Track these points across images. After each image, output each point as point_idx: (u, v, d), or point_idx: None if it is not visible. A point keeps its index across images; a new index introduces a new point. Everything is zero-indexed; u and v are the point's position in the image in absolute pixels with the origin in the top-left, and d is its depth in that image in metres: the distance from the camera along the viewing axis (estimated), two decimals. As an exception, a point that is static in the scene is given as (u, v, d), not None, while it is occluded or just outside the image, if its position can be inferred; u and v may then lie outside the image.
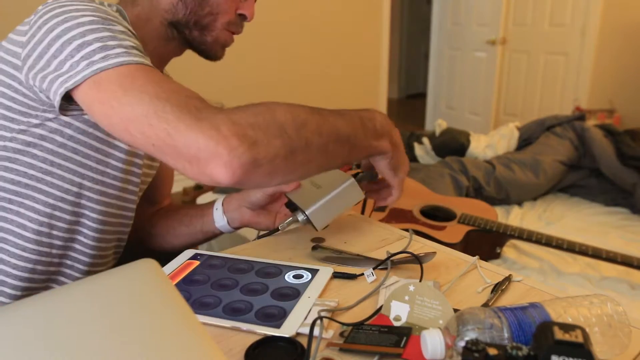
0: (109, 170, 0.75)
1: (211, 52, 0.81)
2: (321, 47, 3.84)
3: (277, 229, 0.89)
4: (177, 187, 3.34)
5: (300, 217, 0.82)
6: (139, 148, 0.60)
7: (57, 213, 0.73)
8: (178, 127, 0.55)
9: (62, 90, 0.61)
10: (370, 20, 4.12)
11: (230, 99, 3.44)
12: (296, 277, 0.73)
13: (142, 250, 1.00)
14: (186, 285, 0.72)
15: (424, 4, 6.33)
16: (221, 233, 0.95)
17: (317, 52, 3.82)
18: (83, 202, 0.75)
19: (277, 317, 0.63)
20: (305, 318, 0.63)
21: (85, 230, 0.77)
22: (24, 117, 0.68)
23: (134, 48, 0.63)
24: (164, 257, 0.78)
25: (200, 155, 0.55)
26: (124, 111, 0.57)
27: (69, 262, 0.78)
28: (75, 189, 0.73)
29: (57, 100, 0.62)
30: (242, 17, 0.81)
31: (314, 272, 0.75)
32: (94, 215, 0.77)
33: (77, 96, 0.61)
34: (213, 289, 0.71)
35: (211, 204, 0.95)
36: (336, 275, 0.75)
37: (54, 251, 0.75)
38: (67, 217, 0.74)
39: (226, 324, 0.63)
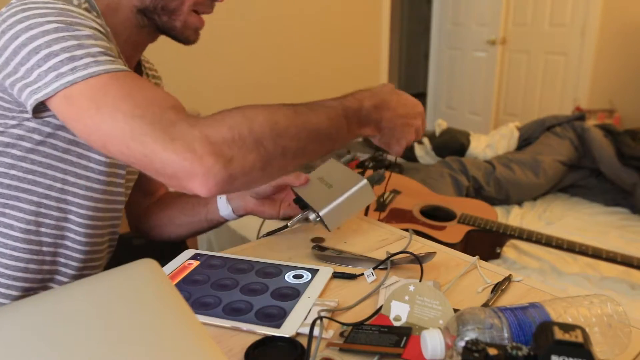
0: (92, 165, 0.75)
1: (183, 37, 0.80)
2: (321, 47, 3.84)
3: (286, 226, 0.89)
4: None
5: (312, 216, 0.82)
6: (120, 161, 0.60)
7: (42, 210, 0.73)
8: (154, 150, 0.56)
9: (32, 102, 0.61)
10: (370, 20, 4.12)
11: (229, 99, 3.44)
12: (296, 277, 0.74)
13: (144, 245, 1.00)
14: (186, 285, 0.72)
15: (424, 4, 6.33)
16: (226, 221, 0.95)
17: (316, 52, 3.82)
18: (68, 197, 0.74)
19: (277, 317, 0.63)
20: (305, 318, 0.63)
21: (74, 227, 0.77)
22: (1, 119, 0.68)
23: (103, 54, 0.62)
24: (164, 257, 0.78)
25: (178, 174, 0.57)
26: (100, 130, 0.58)
27: (62, 259, 0.78)
28: (58, 184, 0.73)
29: (28, 109, 0.62)
30: None
31: (314, 272, 0.75)
32: (82, 211, 0.76)
33: (50, 106, 0.62)
34: (213, 289, 0.71)
35: None
36: (336, 275, 0.75)
37: (45, 249, 0.75)
38: (54, 213, 0.74)
39: (226, 324, 0.63)
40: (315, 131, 0.66)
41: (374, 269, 0.75)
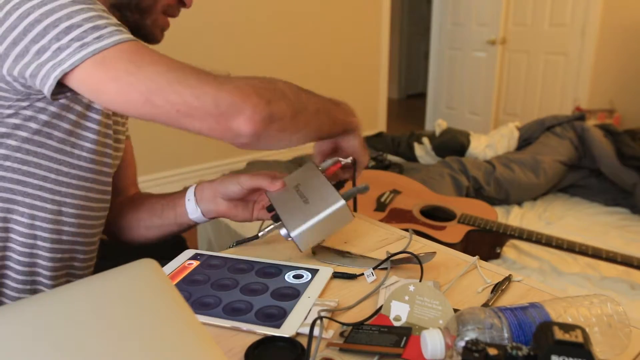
0: (84, 154, 0.75)
1: (151, 36, 0.80)
2: (321, 47, 3.84)
3: (257, 237, 0.85)
4: (178, 187, 3.34)
5: (284, 232, 0.78)
6: (156, 119, 0.63)
7: (37, 203, 0.72)
8: (204, 90, 0.61)
9: (57, 74, 0.60)
10: (370, 20, 4.12)
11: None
12: (296, 277, 0.74)
13: (144, 245, 0.99)
14: (186, 286, 0.72)
15: (424, 4, 6.32)
16: (196, 224, 0.90)
17: (317, 52, 3.82)
18: (62, 189, 0.73)
19: (277, 317, 0.63)
20: (306, 318, 0.63)
21: (67, 219, 0.76)
22: None
23: (121, 25, 0.63)
24: (164, 257, 0.78)
25: (228, 111, 0.61)
26: (145, 84, 0.60)
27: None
28: (52, 175, 0.72)
29: (49, 85, 0.61)
30: (181, 3, 0.81)
31: (314, 272, 0.75)
32: (75, 201, 0.76)
33: (75, 78, 0.60)
34: (213, 289, 0.71)
35: (182, 193, 0.89)
36: (336, 275, 0.75)
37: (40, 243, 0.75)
38: (48, 206, 0.73)
39: (226, 324, 0.63)
40: (318, 103, 0.74)
41: (374, 268, 0.75)
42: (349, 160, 0.84)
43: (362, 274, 0.75)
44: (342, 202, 0.76)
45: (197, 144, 3.22)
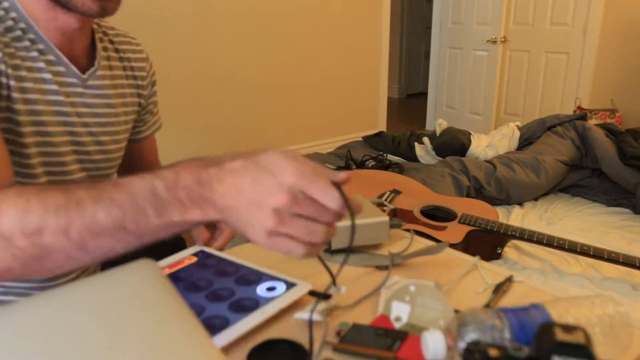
0: None
1: (82, 9, 0.71)
2: (321, 47, 3.84)
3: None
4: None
5: None
6: None
7: None
8: None
9: None
10: (370, 20, 4.12)
11: (230, 96, 3.43)
12: (270, 289, 0.69)
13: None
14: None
15: (425, 3, 6.33)
16: None
17: (317, 51, 3.82)
18: None
19: (216, 329, 0.60)
20: (248, 330, 0.61)
21: None
22: None
23: None
24: (163, 257, 0.78)
25: None
26: None
27: None
28: None
29: None
30: None
31: (290, 286, 0.70)
32: None
33: None
34: (184, 290, 0.69)
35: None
36: (311, 294, 0.70)
37: None
38: None
39: None
40: (93, 224, 0.50)
41: (377, 267, 0.75)
42: (390, 207, 0.91)
43: (339, 292, 0.69)
44: (386, 218, 0.81)
45: (196, 144, 3.23)
